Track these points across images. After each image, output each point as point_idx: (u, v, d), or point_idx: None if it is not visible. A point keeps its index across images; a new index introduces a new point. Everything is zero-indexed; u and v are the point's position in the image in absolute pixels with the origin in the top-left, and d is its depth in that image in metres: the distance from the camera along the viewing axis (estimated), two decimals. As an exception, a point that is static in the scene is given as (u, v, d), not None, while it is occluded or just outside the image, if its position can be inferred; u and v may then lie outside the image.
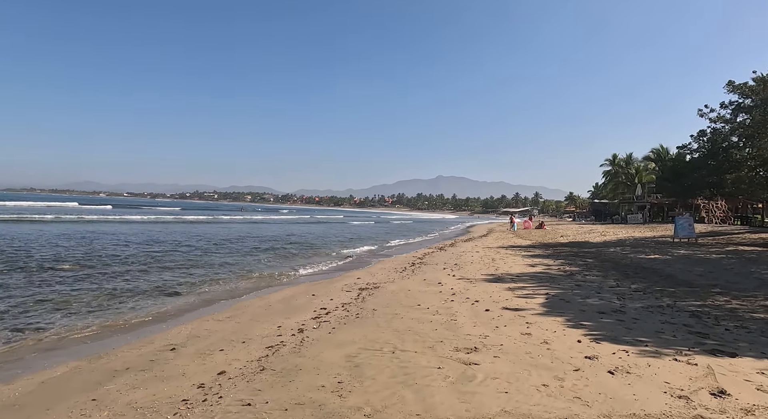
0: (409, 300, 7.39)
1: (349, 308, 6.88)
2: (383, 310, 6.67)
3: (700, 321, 5.79)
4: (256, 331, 5.63)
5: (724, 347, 4.66)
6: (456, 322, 5.87)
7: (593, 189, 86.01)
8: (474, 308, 6.73)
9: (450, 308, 6.68)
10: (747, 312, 6.28)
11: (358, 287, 8.88)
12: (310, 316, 6.42)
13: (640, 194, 49.61)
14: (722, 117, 17.78)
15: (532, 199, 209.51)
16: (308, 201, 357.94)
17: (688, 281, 9.01)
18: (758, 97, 15.89)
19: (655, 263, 11.99)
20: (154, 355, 4.65)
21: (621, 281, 9.19)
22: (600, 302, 6.99)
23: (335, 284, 9.40)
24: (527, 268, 11.34)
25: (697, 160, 18.08)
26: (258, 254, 15.02)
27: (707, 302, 7.00)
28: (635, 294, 7.66)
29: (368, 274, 10.85)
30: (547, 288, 8.34)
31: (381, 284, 9.23)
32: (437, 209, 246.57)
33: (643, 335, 5.15)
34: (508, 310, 6.54)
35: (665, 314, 6.17)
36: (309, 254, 15.74)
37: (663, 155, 53.64)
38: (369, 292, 8.25)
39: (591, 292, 7.91)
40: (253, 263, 12.70)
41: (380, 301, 7.36)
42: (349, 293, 8.26)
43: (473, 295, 7.72)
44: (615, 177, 62.52)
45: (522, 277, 9.80)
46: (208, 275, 10.42)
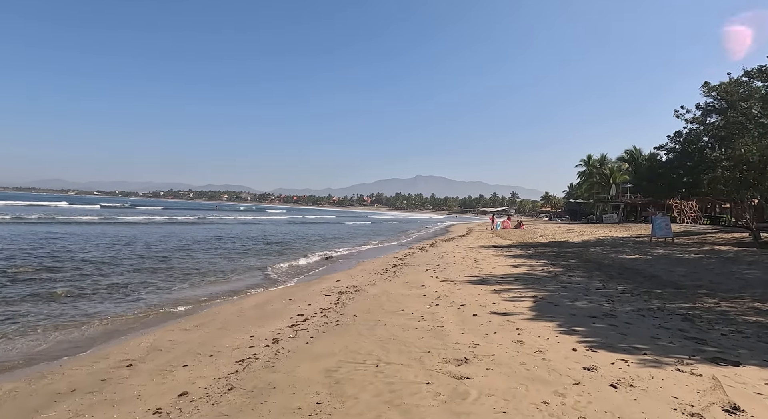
0: (392, 305, 7.00)
1: (328, 314, 6.44)
2: (365, 316, 6.26)
3: (694, 325, 5.60)
4: (225, 342, 5.14)
5: (724, 354, 4.43)
6: (443, 329, 5.51)
7: (568, 189, 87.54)
8: (461, 313, 6.39)
9: (435, 314, 6.32)
10: (738, 315, 6.13)
11: (338, 290, 8.44)
12: (287, 324, 5.95)
13: (615, 194, 50.67)
14: (697, 118, 18.08)
15: (509, 199, 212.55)
16: (286, 200, 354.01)
17: (673, 282, 8.91)
18: (733, 98, 16.19)
19: (637, 263, 11.95)
20: (107, 373, 4.11)
21: (606, 282, 9.02)
22: (589, 306, 6.76)
23: (313, 287, 8.93)
24: (511, 269, 11.10)
25: (674, 160, 18.40)
26: (233, 255, 14.37)
27: (696, 304, 6.85)
28: (623, 296, 7.47)
29: (348, 276, 10.41)
30: (533, 290, 8.09)
31: (362, 287, 8.81)
32: (416, 209, 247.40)
33: (639, 341, 4.90)
34: (497, 315, 6.22)
35: (657, 317, 5.96)
36: (286, 255, 15.16)
37: (636, 156, 54.83)
38: (349, 296, 7.82)
39: (578, 294, 7.68)
40: (228, 264, 12.07)
41: (361, 306, 6.95)
42: (328, 297, 7.81)
43: (459, 298, 7.39)
44: (590, 177, 63.62)
45: (507, 279, 9.54)
46: (178, 278, 9.79)
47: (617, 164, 59.00)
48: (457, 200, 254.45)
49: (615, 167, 58.22)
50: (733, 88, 16.63)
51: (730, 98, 16.37)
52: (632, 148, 55.59)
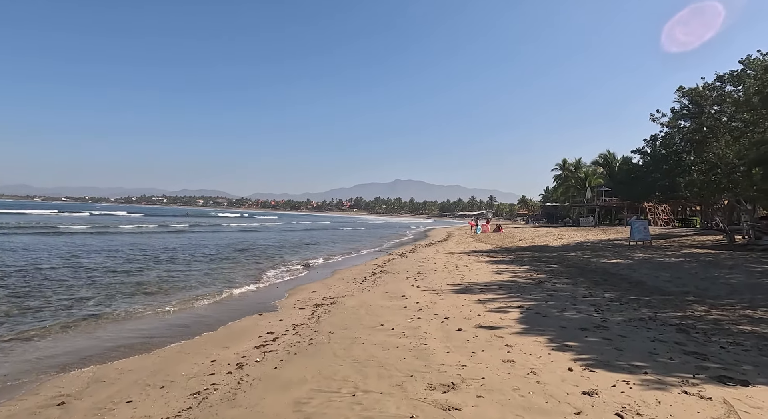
0: (370, 319, 6.51)
1: (301, 331, 5.90)
2: (341, 333, 5.74)
3: (690, 337, 5.29)
4: (182, 369, 4.54)
5: (729, 371, 4.10)
6: (426, 347, 5.04)
7: (544, 193, 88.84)
8: (444, 327, 5.94)
9: (418, 329, 5.85)
10: (732, 324, 5.88)
11: (313, 303, 7.89)
12: (254, 344, 5.38)
13: (590, 197, 51.51)
14: (672, 122, 18.29)
15: (487, 202, 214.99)
16: (264, 205, 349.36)
17: (660, 289, 8.71)
18: (707, 102, 16.43)
19: (620, 268, 11.79)
20: (32, 415, 3.47)
21: (592, 289, 8.75)
22: (579, 317, 6.41)
23: (287, 300, 8.35)
24: (494, 276, 10.76)
25: (651, 163, 18.58)
26: (198, 265, 13.45)
27: (687, 313, 6.59)
28: (612, 305, 7.17)
29: (324, 286, 9.86)
30: (519, 300, 7.72)
31: (339, 298, 8.28)
32: (395, 213, 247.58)
33: (637, 357, 4.54)
34: (483, 329, 5.79)
35: (651, 329, 5.65)
36: (260, 264, 14.45)
37: (610, 160, 56.07)
38: (325, 309, 7.29)
39: (566, 303, 7.35)
40: (195, 276, 11.24)
41: (338, 321, 6.43)
42: (302, 311, 7.26)
43: (442, 310, 6.94)
44: (565, 181, 64.68)
45: (490, 287, 9.17)
46: (137, 291, 9.02)
47: (592, 168, 60.15)
48: (436, 204, 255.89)
49: (590, 171, 59.34)
50: (706, 92, 16.86)
51: (704, 102, 16.59)
52: (606, 152, 56.80)
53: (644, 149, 19.13)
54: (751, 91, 14.92)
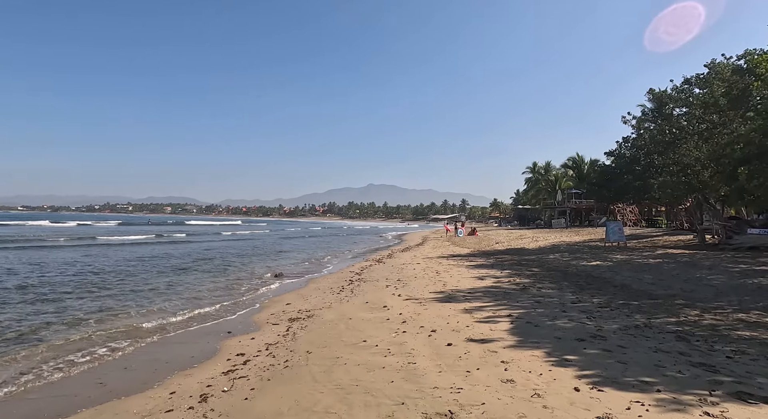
0: (351, 334, 5.98)
1: (276, 351, 5.31)
2: (320, 352, 5.19)
3: (691, 345, 5.01)
4: (134, 404, 3.90)
5: (745, 386, 3.80)
6: (416, 367, 4.56)
7: (515, 195, 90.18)
8: (433, 341, 5.47)
9: (404, 345, 5.36)
10: (729, 330, 5.66)
11: (288, 317, 7.29)
12: (222, 369, 4.77)
13: (561, 199, 52.45)
14: (643, 124, 18.59)
15: (460, 206, 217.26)
16: (235, 212, 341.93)
17: (646, 292, 8.53)
18: (676, 104, 16.77)
19: (602, 270, 11.66)
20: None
21: (579, 294, 8.49)
22: (572, 325, 6.07)
23: (259, 314, 7.71)
24: (476, 282, 10.40)
25: (623, 165, 18.87)
26: (161, 278, 12.42)
27: (681, 318, 6.36)
28: (603, 311, 6.88)
29: (300, 298, 9.25)
30: (507, 308, 7.35)
31: (316, 311, 7.71)
32: (369, 218, 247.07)
33: (644, 372, 4.19)
34: (474, 342, 5.36)
35: (649, 338, 5.35)
36: (229, 274, 13.62)
37: (579, 163, 57.31)
38: (301, 324, 6.71)
39: (555, 311, 7.02)
40: (155, 292, 10.12)
41: (316, 337, 5.87)
42: (276, 327, 6.66)
43: (427, 322, 6.48)
44: (536, 184, 65.71)
45: (475, 294, 8.78)
46: (90, 310, 8.16)
47: (562, 171, 61.36)
48: (410, 208, 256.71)
49: (560, 174, 60.49)
50: (676, 94, 17.20)
51: (674, 104, 16.90)
52: (575, 155, 57.99)
53: (617, 150, 19.43)
54: (718, 94, 15.28)
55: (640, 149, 18.36)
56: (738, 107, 14.41)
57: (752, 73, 14.34)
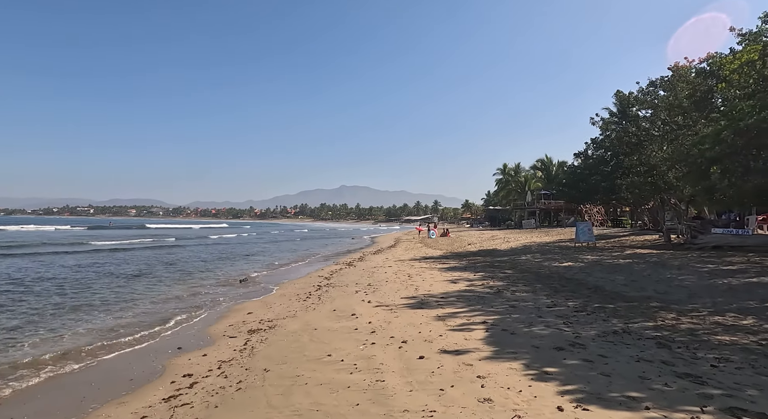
0: (315, 347, 5.48)
1: (229, 370, 4.76)
2: (279, 370, 4.68)
3: (674, 353, 4.78)
4: (51, 445, 3.29)
5: (737, 399, 3.54)
6: (384, 385, 4.12)
7: (486, 197, 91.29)
8: (403, 354, 5.05)
9: (372, 359, 4.91)
10: (708, 334, 5.49)
11: (248, 328, 6.71)
12: (163, 394, 4.19)
13: (530, 200, 53.31)
14: (610, 126, 18.86)
15: (432, 207, 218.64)
16: (204, 214, 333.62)
17: (620, 294, 8.40)
18: (642, 106, 17.07)
19: (574, 272, 11.56)
20: None
21: (554, 297, 8.27)
22: (549, 332, 5.77)
23: (215, 326, 7.09)
24: (449, 285, 10.07)
25: (592, 166, 19.14)
26: (108, 288, 11.16)
27: (658, 322, 6.18)
28: (579, 316, 6.64)
29: (263, 306, 8.66)
30: (481, 313, 7.02)
31: (279, 320, 7.17)
32: (341, 219, 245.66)
33: (629, 385, 3.89)
34: (448, 354, 4.97)
35: (629, 345, 5.09)
36: (187, 280, 12.77)
37: (548, 164, 58.47)
38: (261, 336, 6.16)
39: (531, 316, 6.74)
40: (99, 305, 9.03)
41: (276, 352, 5.34)
42: (233, 340, 6.08)
43: (398, 331, 6.06)
44: (506, 185, 66.62)
45: (448, 298, 8.43)
46: (22, 327, 7.32)
47: (531, 172, 62.45)
48: (382, 210, 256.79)
49: (529, 175, 61.55)
50: (642, 96, 17.49)
51: (639, 106, 17.18)
52: (544, 157, 59.14)
53: (585, 151, 19.69)
54: (682, 96, 15.60)
55: (608, 150, 18.61)
56: (702, 109, 14.74)
57: (714, 76, 14.68)
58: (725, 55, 14.10)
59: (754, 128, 8.13)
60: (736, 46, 13.76)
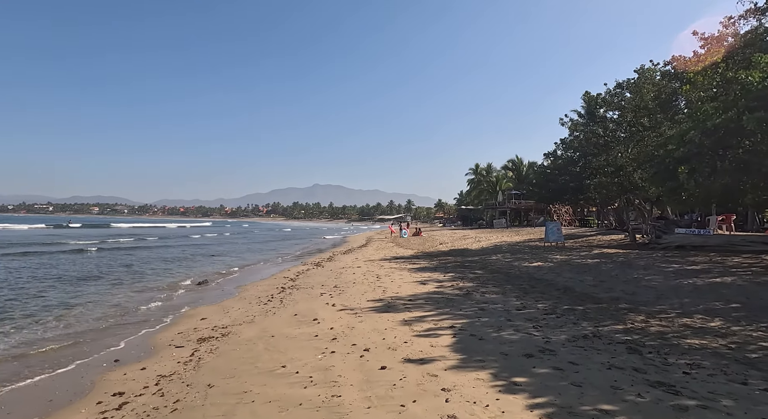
0: (270, 357, 5.04)
1: (167, 386, 4.26)
2: (225, 385, 4.22)
3: (645, 358, 4.59)
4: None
5: (712, 411, 3.33)
6: (341, 401, 3.74)
7: (459, 196, 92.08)
8: (365, 364, 4.68)
9: (330, 370, 4.51)
10: (678, 338, 5.35)
11: (198, 336, 6.18)
12: (87, 416, 3.66)
13: (502, 200, 53.96)
14: (579, 127, 19.07)
15: (405, 206, 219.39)
16: (171, 212, 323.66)
17: (589, 295, 8.28)
18: (609, 107, 17.32)
19: (543, 272, 11.47)
20: None
21: (523, 298, 8.08)
22: (519, 337, 5.52)
23: (163, 335, 6.51)
24: (418, 287, 9.76)
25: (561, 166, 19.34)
26: (47, 293, 10.10)
27: (628, 325, 6.03)
28: (549, 319, 6.43)
29: (220, 311, 8.11)
30: (449, 317, 6.72)
31: (234, 327, 6.66)
32: (314, 218, 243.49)
33: (601, 397, 3.64)
34: (412, 363, 4.63)
35: (600, 351, 4.88)
36: (143, 285, 11.92)
37: (518, 165, 59.39)
38: (211, 345, 5.66)
39: (500, 319, 6.49)
40: (30, 312, 8.11)
41: (224, 364, 4.87)
42: (179, 350, 5.55)
43: (361, 338, 5.69)
44: (478, 185, 67.30)
45: (416, 301, 8.11)
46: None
47: (502, 172, 63.29)
48: (356, 209, 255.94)
49: (500, 175, 62.36)
50: (609, 98, 17.73)
51: (607, 107, 17.40)
52: (515, 157, 60.05)
53: (555, 152, 19.88)
54: (648, 98, 15.88)
55: (576, 151, 18.81)
56: (666, 111, 15.02)
57: (678, 78, 14.97)
58: (689, 57, 14.39)
59: (721, 127, 8.20)
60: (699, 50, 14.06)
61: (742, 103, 7.56)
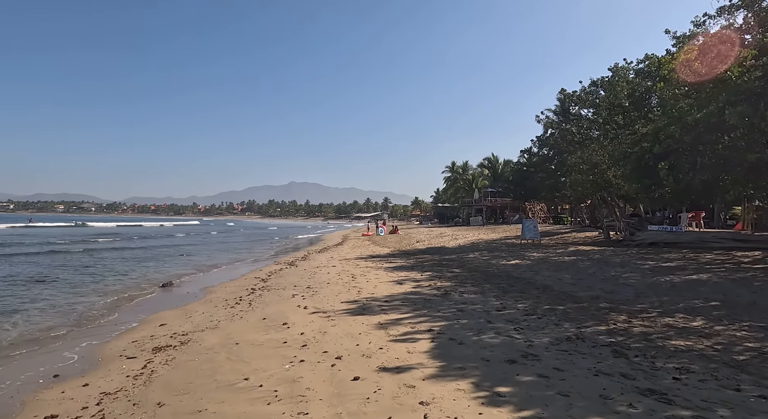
0: (232, 368, 4.59)
1: (110, 406, 3.77)
2: (177, 403, 3.76)
3: (632, 363, 4.36)
4: None
5: (709, 422, 3.10)
6: (307, 420, 3.34)
7: (435, 194, 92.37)
8: (336, 374, 4.29)
9: (298, 383, 4.10)
10: (663, 339, 5.16)
11: (155, 345, 5.66)
12: (9, 448, 3.15)
13: (478, 198, 54.29)
14: (555, 124, 19.12)
15: (382, 204, 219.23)
16: (142, 210, 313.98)
17: (569, 294, 8.11)
18: (584, 105, 17.41)
19: (522, 270, 11.31)
20: None
21: (503, 298, 7.84)
22: (500, 341, 5.23)
23: (114, 344, 5.94)
24: (395, 287, 9.42)
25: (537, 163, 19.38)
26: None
27: (610, 325, 5.83)
28: (530, 320, 6.19)
29: (182, 315, 7.56)
30: (427, 319, 6.39)
31: (195, 333, 6.16)
32: (290, 216, 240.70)
33: (591, 408, 3.37)
34: (388, 373, 4.27)
35: (585, 355, 4.63)
36: (101, 288, 11.04)
37: (494, 163, 59.91)
38: (168, 355, 5.15)
39: (480, 321, 6.20)
40: None
41: (180, 377, 4.39)
42: (130, 362, 5.02)
43: (333, 344, 5.29)
44: (455, 183, 67.59)
45: (392, 302, 7.76)
46: None
47: (478, 170, 63.74)
48: (333, 207, 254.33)
49: (476, 173, 62.77)
50: (584, 95, 17.80)
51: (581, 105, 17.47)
52: (491, 155, 60.54)
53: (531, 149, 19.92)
54: (622, 95, 15.98)
55: (552, 148, 18.87)
56: (640, 109, 15.14)
57: (651, 76, 15.10)
58: (662, 56, 14.50)
59: (701, 122, 8.16)
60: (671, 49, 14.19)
61: (723, 97, 7.53)
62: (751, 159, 7.21)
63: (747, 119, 6.92)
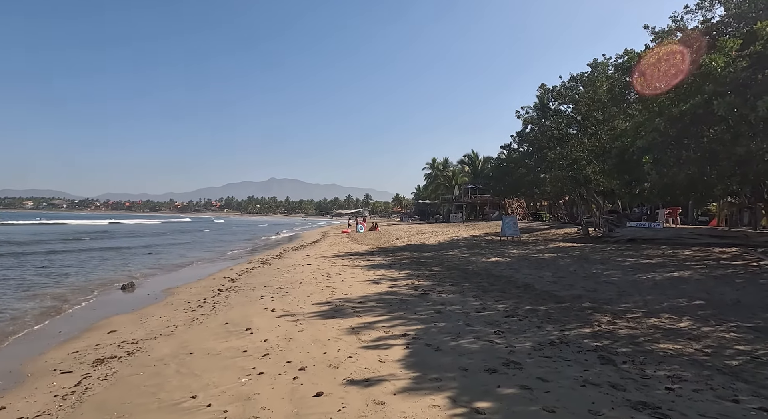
0: (179, 383, 4.07)
1: (28, 433, 3.20)
2: (108, 429, 3.22)
3: (621, 370, 4.02)
4: None
5: (713, 443, 2.75)
6: (256, 450, 2.86)
7: (416, 191, 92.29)
8: (297, 389, 3.81)
9: (253, 400, 3.61)
10: (651, 342, 4.86)
11: (97, 356, 5.06)
12: None
13: (458, 194, 54.31)
14: (535, 119, 18.96)
15: (363, 200, 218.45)
16: (116, 207, 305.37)
17: (550, 294, 7.80)
18: (563, 100, 17.29)
19: (502, 268, 11.01)
20: None
21: (482, 298, 7.47)
22: (479, 346, 4.84)
23: (49, 355, 5.30)
24: (370, 287, 8.97)
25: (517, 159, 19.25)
26: None
27: (595, 327, 5.51)
28: (511, 322, 5.82)
29: (136, 320, 6.94)
30: (402, 322, 5.97)
31: (147, 341, 5.58)
32: (270, 213, 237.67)
33: (580, 426, 2.99)
34: (355, 386, 3.82)
35: (570, 363, 4.27)
36: (46, 288, 10.23)
37: (474, 159, 60.06)
38: (109, 368, 4.58)
39: (458, 324, 5.81)
40: None
41: (117, 395, 3.84)
42: (63, 377, 4.43)
43: (298, 352, 4.81)
44: (435, 179, 67.58)
45: (367, 304, 7.31)
46: None
47: (458, 167, 63.82)
48: (313, 203, 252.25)
49: (457, 170, 62.83)
50: (564, 91, 17.66)
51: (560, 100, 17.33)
52: (471, 152, 60.65)
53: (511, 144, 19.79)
54: (601, 91, 15.89)
55: (532, 144, 18.72)
56: (619, 104, 15.05)
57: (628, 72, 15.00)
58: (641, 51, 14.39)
59: (687, 113, 7.96)
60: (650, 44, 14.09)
61: (709, 88, 7.32)
62: (739, 152, 7.03)
63: (735, 109, 6.72)
